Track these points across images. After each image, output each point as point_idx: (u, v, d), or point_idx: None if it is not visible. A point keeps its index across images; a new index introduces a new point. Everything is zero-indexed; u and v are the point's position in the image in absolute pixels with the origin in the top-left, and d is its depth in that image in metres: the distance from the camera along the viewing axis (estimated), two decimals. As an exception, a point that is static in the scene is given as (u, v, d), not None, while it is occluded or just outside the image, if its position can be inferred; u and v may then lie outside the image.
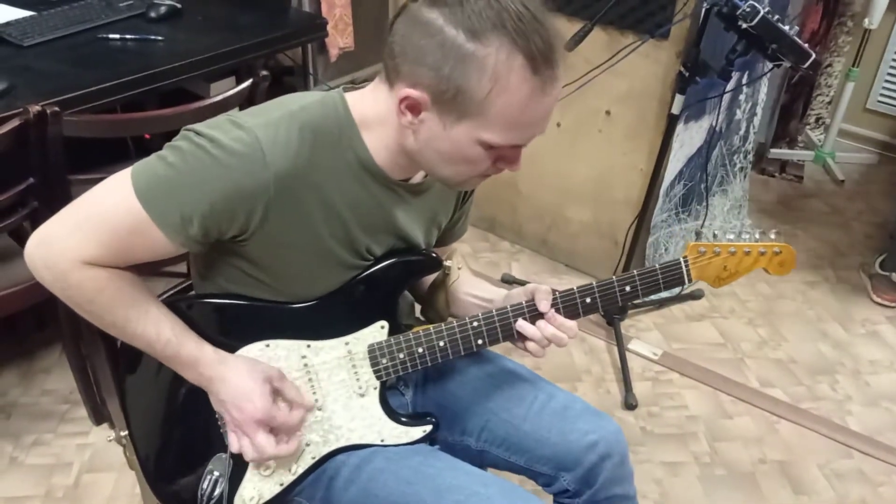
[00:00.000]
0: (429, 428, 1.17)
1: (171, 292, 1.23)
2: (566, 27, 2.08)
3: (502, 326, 1.12)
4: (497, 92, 0.89)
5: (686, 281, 1.15)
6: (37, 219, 1.64)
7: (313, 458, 1.13)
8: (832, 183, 3.47)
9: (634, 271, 1.13)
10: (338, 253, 1.05)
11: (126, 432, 1.16)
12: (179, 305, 1.06)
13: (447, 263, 1.19)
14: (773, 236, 1.17)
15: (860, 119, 3.63)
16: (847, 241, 3.04)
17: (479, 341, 1.12)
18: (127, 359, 1.12)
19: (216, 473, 1.09)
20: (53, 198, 1.58)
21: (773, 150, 3.51)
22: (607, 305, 1.14)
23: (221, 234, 0.97)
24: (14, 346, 2.21)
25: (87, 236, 0.93)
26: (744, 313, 2.60)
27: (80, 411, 1.99)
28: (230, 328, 1.08)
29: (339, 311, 1.09)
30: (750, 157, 2.91)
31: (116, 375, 1.17)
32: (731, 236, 1.16)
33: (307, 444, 1.12)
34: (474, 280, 1.28)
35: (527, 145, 0.98)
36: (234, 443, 1.05)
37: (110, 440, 1.22)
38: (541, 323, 1.11)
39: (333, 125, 0.99)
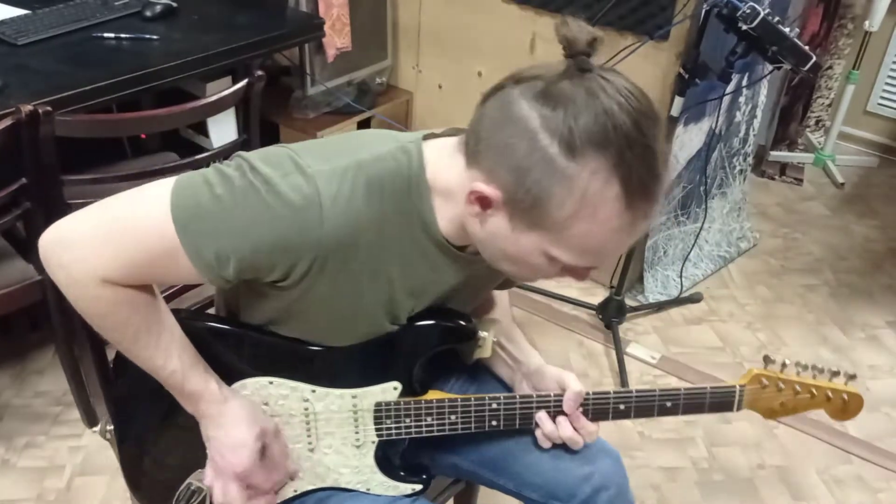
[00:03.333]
0: (418, 487, 1.12)
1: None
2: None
3: (522, 415, 1.07)
4: (581, 217, 0.80)
5: (734, 410, 1.08)
6: (29, 219, 1.63)
7: (295, 491, 1.10)
8: (832, 186, 3.45)
9: (681, 389, 1.06)
10: (373, 315, 0.98)
11: (112, 427, 1.13)
12: (194, 323, 1.01)
13: (482, 335, 1.07)
14: (844, 379, 1.06)
15: (860, 122, 3.62)
16: (847, 245, 3.03)
17: (494, 422, 1.07)
18: (122, 362, 1.09)
19: (192, 487, 1.05)
20: (46, 198, 1.56)
21: (772, 153, 3.50)
22: (640, 415, 1.08)
23: (257, 278, 0.89)
24: (7, 348, 2.19)
25: (114, 253, 0.85)
26: (743, 317, 2.58)
27: (72, 413, 1.97)
28: (238, 356, 1.03)
29: (355, 363, 1.03)
30: (749, 159, 2.89)
31: (101, 372, 1.16)
32: (800, 369, 1.04)
33: (290, 479, 1.09)
34: (512, 331, 1.19)
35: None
36: (210, 477, 1.01)
37: (95, 431, 1.21)
38: (561, 420, 1.07)
39: (404, 183, 0.89)
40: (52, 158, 1.52)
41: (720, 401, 1.08)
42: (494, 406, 1.06)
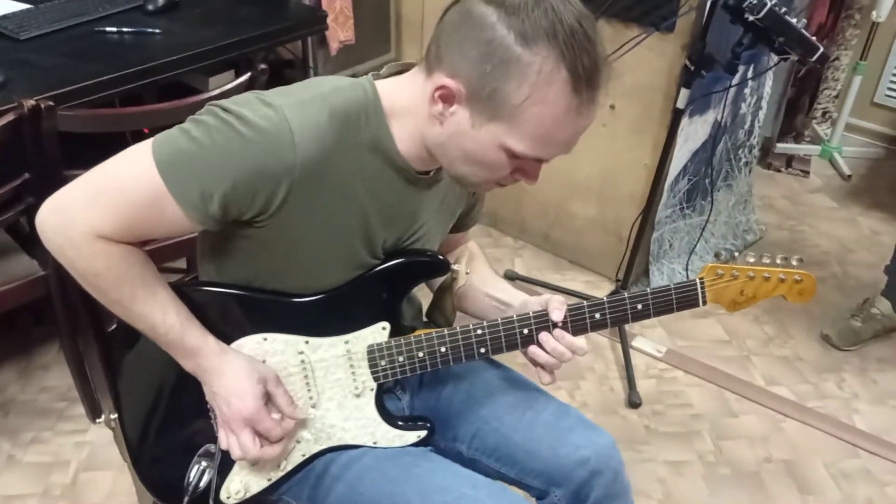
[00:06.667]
0: (423, 433, 1.15)
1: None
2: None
3: (507, 336, 1.10)
4: (533, 101, 0.89)
5: (700, 303, 1.12)
6: (32, 214, 1.62)
7: (303, 455, 1.12)
8: (839, 178, 3.43)
9: (647, 290, 1.10)
10: (352, 244, 1.03)
11: (116, 415, 1.14)
12: (182, 290, 1.05)
13: (455, 267, 1.16)
14: (794, 262, 1.13)
15: (867, 113, 3.59)
16: (854, 237, 3.01)
17: (482, 349, 1.10)
18: (123, 341, 1.10)
19: (204, 464, 1.07)
20: (49, 193, 1.56)
21: (779, 145, 3.48)
22: (616, 322, 1.11)
23: (241, 213, 0.95)
24: (12, 343, 2.20)
25: (105, 208, 0.91)
26: (749, 310, 2.54)
27: (78, 409, 1.97)
28: (230, 318, 1.07)
29: (342, 308, 1.08)
30: (755, 151, 2.88)
31: (108, 366, 1.16)
32: (752, 259, 1.12)
33: (298, 441, 1.11)
34: (495, 280, 1.25)
35: (549, 161, 0.98)
36: (223, 439, 1.04)
37: (99, 422, 1.22)
38: (543, 336, 1.09)
39: (361, 111, 0.97)
40: (54, 153, 1.52)
41: (685, 296, 1.11)
42: (479, 332, 1.09)
